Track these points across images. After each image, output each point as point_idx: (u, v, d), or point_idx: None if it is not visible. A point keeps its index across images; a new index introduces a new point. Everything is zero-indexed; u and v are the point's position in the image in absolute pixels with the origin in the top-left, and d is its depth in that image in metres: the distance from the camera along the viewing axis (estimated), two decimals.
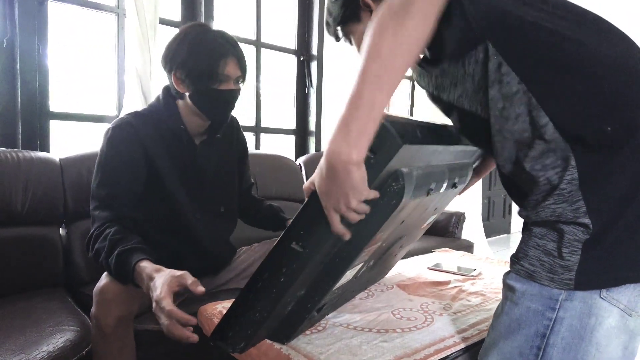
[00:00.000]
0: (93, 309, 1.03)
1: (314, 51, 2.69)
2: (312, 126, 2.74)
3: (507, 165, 0.69)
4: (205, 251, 1.31)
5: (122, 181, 1.13)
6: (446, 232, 2.60)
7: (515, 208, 4.49)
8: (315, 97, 2.71)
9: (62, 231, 1.61)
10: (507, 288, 0.69)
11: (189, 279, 0.85)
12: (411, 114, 3.44)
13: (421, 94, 3.25)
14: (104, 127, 1.88)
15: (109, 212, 1.08)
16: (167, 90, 1.26)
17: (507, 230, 4.91)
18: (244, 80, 1.25)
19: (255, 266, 1.45)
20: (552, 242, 0.64)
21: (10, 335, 1.09)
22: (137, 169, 1.16)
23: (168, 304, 0.81)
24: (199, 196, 1.27)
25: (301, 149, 2.79)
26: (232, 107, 1.26)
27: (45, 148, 1.74)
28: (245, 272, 1.45)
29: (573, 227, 0.62)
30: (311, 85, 2.72)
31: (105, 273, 1.08)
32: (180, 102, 1.23)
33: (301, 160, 2.52)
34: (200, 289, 0.83)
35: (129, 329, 1.06)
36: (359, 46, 0.88)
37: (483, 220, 4.05)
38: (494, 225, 4.67)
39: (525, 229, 0.70)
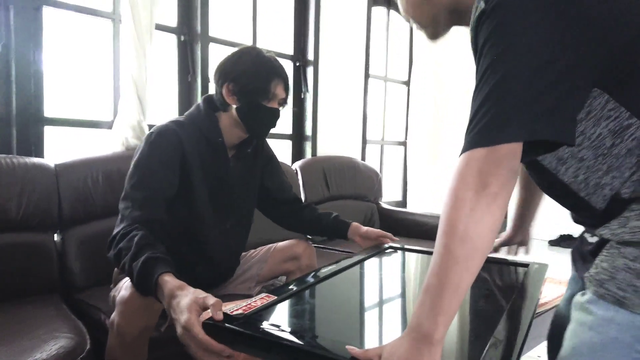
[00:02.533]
0: (116, 318, 1.04)
1: (310, 56, 2.70)
2: (308, 131, 2.74)
3: (599, 199, 0.65)
4: (216, 263, 1.33)
5: (158, 185, 1.15)
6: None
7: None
8: (311, 102, 2.72)
9: (57, 237, 1.60)
10: (585, 312, 0.64)
11: (211, 300, 0.82)
12: (407, 119, 3.45)
13: (417, 99, 3.26)
14: (99, 132, 1.90)
15: (140, 213, 1.08)
16: (208, 101, 1.32)
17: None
18: (285, 104, 1.33)
19: (250, 273, 1.46)
20: None
21: (4, 342, 1.09)
22: (173, 175, 1.20)
23: (199, 332, 0.78)
24: (224, 209, 1.31)
25: (297, 153, 2.79)
26: (273, 125, 1.32)
27: (40, 154, 1.74)
28: (242, 277, 1.45)
29: None
30: (307, 90, 2.73)
31: (126, 282, 1.09)
32: (221, 115, 1.29)
33: (297, 165, 2.52)
34: (220, 315, 0.80)
35: (147, 339, 1.09)
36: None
37: None
38: None
39: (606, 247, 0.64)
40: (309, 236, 2.45)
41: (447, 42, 3.29)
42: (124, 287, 1.08)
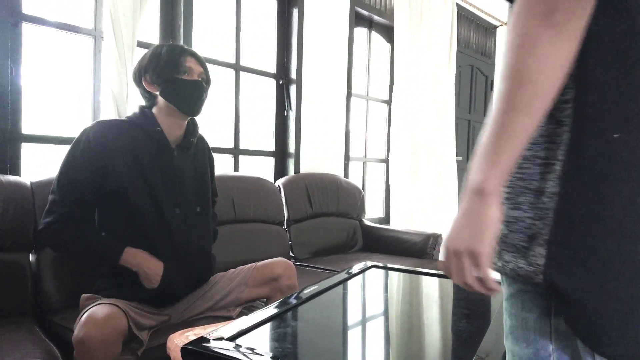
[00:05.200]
0: (82, 330, 1.08)
1: (293, 75, 2.73)
2: (291, 148, 2.75)
3: None
4: (183, 252, 1.32)
5: (80, 183, 1.27)
6: (423, 253, 2.62)
7: None
8: (294, 120, 2.73)
9: (31, 257, 1.56)
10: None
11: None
12: (388, 137, 3.49)
13: (397, 118, 3.31)
14: None
15: (65, 210, 1.27)
16: (141, 105, 1.42)
17: None
18: (207, 81, 1.41)
19: (231, 296, 1.44)
20: None
21: None
22: (95, 173, 1.28)
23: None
24: (177, 194, 1.36)
25: (280, 171, 2.79)
26: (201, 98, 1.38)
27: (16, 171, 1.70)
28: (222, 301, 1.43)
29: None
30: (290, 108, 2.74)
31: (81, 320, 1.11)
32: (155, 109, 1.38)
33: (280, 182, 2.52)
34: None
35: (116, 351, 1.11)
36: None
37: None
38: None
39: None
40: (291, 254, 2.43)
41: (427, 62, 3.34)
42: (79, 325, 1.12)
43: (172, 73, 1.33)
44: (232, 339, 0.82)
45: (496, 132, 0.50)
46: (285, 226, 2.47)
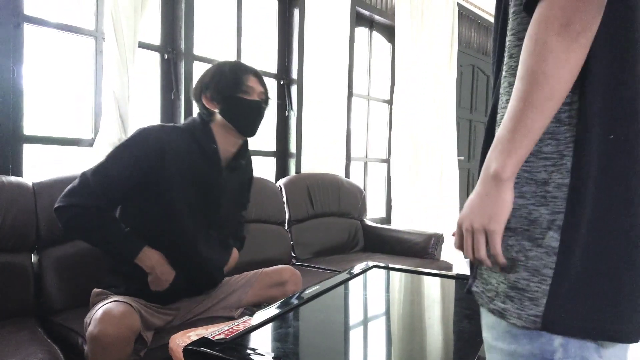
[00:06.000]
0: (97, 327, 1.09)
1: (294, 75, 2.73)
2: (292, 148, 2.75)
3: None
4: (199, 267, 1.33)
5: (116, 176, 1.25)
6: (425, 253, 2.62)
7: None
8: (295, 120, 2.73)
9: (33, 258, 1.56)
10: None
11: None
12: (389, 137, 3.49)
13: (398, 118, 3.31)
14: (80, 150, 1.87)
15: (93, 200, 1.24)
16: (201, 115, 1.39)
17: None
18: (266, 101, 1.40)
19: (234, 296, 1.45)
20: None
21: None
22: (138, 171, 1.26)
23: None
24: (213, 215, 1.36)
25: (281, 171, 2.79)
26: (259, 118, 1.38)
27: (18, 172, 1.70)
28: (224, 301, 1.44)
29: None
30: (291, 108, 2.74)
31: (97, 316, 1.11)
32: (213, 125, 1.36)
33: (281, 182, 2.52)
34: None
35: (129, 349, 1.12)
36: None
37: None
38: None
39: None
40: (293, 254, 2.43)
41: (427, 62, 3.34)
42: (93, 322, 1.11)
43: (233, 92, 1.32)
44: (234, 339, 0.82)
45: (515, 127, 0.56)
46: (286, 226, 2.47)
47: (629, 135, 0.57)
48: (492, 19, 4.44)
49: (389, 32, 3.47)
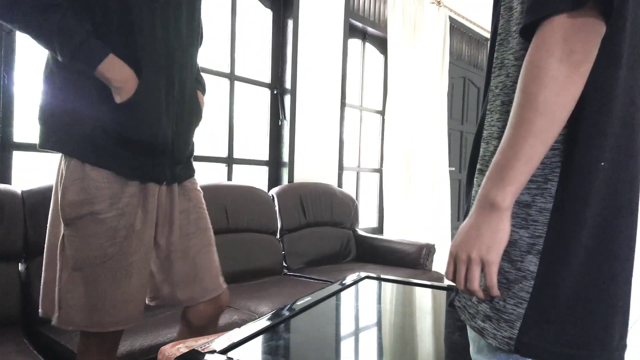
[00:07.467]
0: None
1: (288, 85, 2.74)
2: (285, 157, 2.75)
3: None
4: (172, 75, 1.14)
5: None
6: (417, 264, 2.62)
7: None
8: (288, 129, 2.73)
9: (21, 267, 1.54)
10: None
11: None
12: (382, 147, 3.51)
13: (391, 128, 3.33)
14: None
15: None
16: None
17: None
18: None
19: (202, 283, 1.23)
20: None
21: None
22: None
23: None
24: (178, 21, 1.15)
25: (274, 180, 2.79)
26: None
27: (7, 180, 1.68)
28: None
29: None
30: (285, 118, 2.75)
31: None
32: None
33: (274, 191, 2.52)
34: None
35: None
36: None
37: None
38: None
39: None
40: (284, 264, 2.42)
41: (419, 74, 3.37)
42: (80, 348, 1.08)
43: None
44: (224, 352, 0.81)
45: (515, 155, 0.55)
46: (278, 236, 2.46)
47: (614, 164, 0.57)
48: (483, 33, 4.50)
49: (381, 44, 3.50)
